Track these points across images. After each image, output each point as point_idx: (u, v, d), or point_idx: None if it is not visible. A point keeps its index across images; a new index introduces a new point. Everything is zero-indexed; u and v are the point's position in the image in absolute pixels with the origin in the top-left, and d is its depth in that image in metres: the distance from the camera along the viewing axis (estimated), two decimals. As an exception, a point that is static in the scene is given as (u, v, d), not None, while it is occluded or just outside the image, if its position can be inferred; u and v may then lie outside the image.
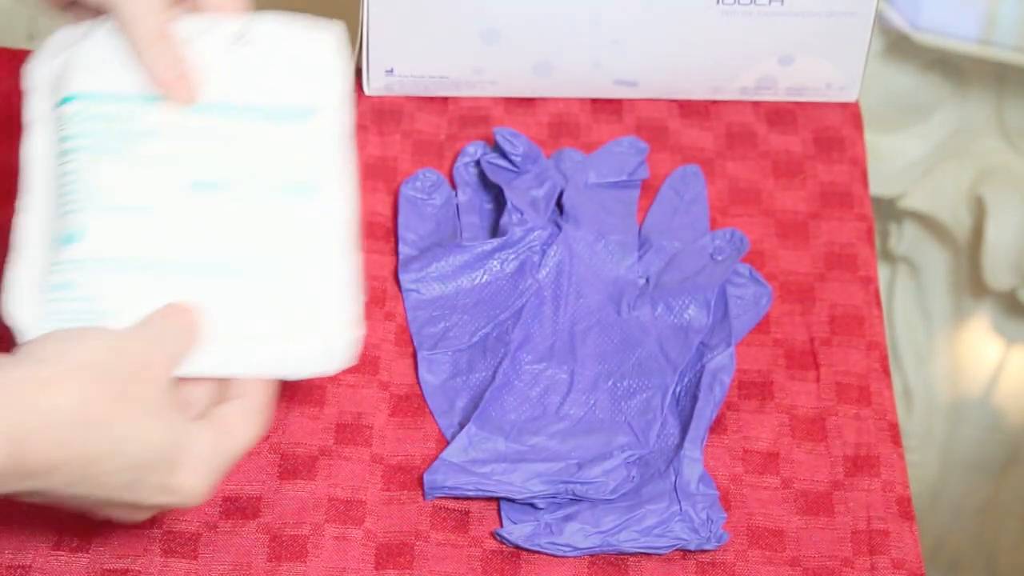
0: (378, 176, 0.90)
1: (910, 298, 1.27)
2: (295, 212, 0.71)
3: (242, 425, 0.69)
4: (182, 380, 0.70)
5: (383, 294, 0.85)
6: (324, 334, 0.71)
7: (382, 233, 0.88)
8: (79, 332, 0.67)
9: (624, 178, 0.89)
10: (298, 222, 0.71)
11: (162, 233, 0.70)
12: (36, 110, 0.74)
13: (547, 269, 0.84)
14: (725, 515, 0.77)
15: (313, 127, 0.72)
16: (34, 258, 0.72)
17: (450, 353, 0.83)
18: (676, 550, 0.77)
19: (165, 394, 0.67)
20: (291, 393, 0.81)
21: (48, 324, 0.70)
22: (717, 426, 0.81)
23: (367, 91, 0.93)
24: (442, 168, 0.90)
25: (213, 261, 0.70)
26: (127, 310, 0.69)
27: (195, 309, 0.69)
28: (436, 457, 0.79)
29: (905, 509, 0.79)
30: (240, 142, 0.71)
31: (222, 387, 0.71)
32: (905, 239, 1.25)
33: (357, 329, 0.72)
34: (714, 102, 0.94)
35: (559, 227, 0.86)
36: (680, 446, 0.79)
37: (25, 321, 0.71)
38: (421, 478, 0.78)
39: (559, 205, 0.87)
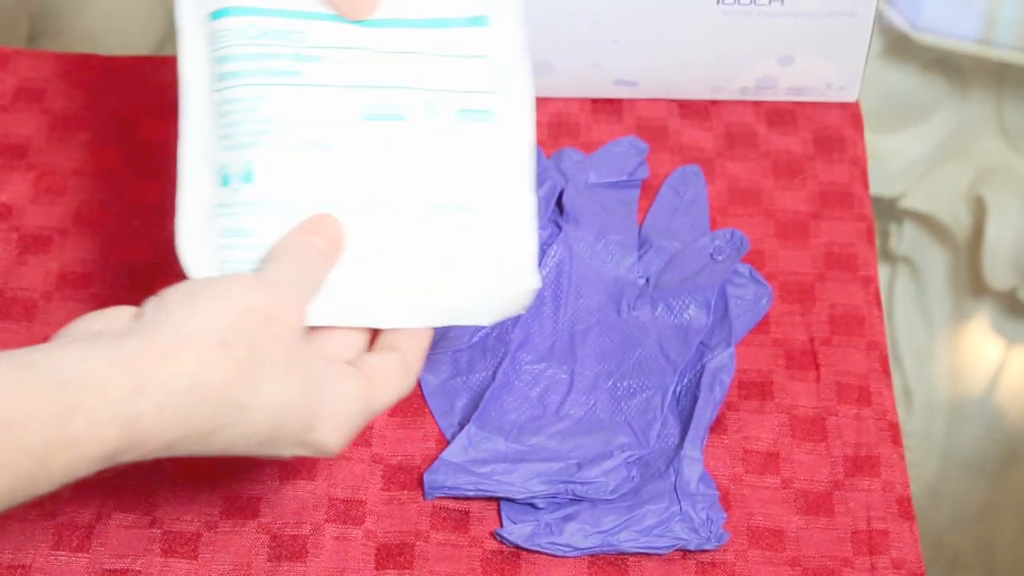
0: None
1: (910, 298, 1.27)
2: (477, 142, 0.66)
3: (393, 380, 0.66)
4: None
5: (383, 294, 0.85)
6: (505, 280, 0.67)
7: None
8: (203, 290, 0.62)
9: (624, 178, 0.89)
10: (480, 153, 0.66)
11: (339, 171, 0.65)
12: (184, 18, 0.67)
13: (547, 269, 0.84)
14: (725, 515, 0.77)
15: (489, 39, 0.67)
16: (201, 194, 0.67)
17: (450, 353, 0.83)
18: (676, 550, 0.77)
19: (296, 348, 0.63)
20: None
21: (220, 272, 0.65)
22: (717, 426, 0.81)
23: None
24: (442, 168, 0.90)
25: (394, 201, 0.65)
26: None
27: (332, 224, 0.64)
28: (436, 457, 0.79)
29: (905, 509, 0.79)
30: (416, 62, 0.66)
31: (372, 334, 0.66)
32: (905, 239, 1.25)
33: (536, 275, 0.69)
34: (714, 102, 0.94)
35: (559, 227, 0.86)
36: (680, 446, 0.79)
37: (197, 267, 0.66)
38: (421, 478, 0.78)
39: (559, 205, 0.87)
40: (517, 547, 0.77)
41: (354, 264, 0.67)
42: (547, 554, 0.77)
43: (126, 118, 0.91)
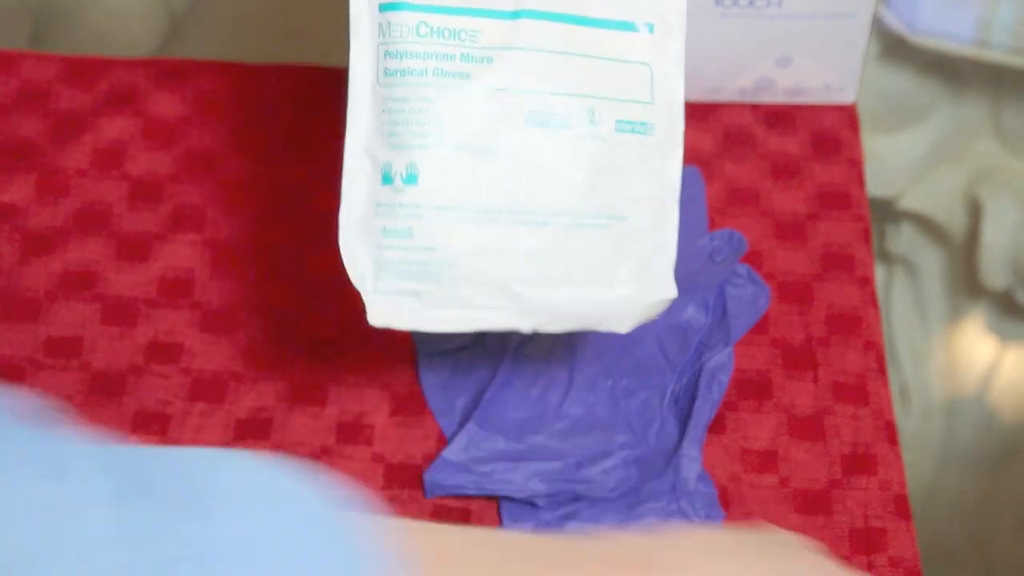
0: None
1: (907, 298, 1.27)
2: (633, 153, 0.67)
3: None
4: None
5: (384, 294, 0.86)
6: (650, 289, 0.68)
7: (383, 234, 0.88)
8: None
9: (623, 179, 0.90)
10: (636, 165, 0.67)
11: (501, 177, 0.66)
12: (356, 5, 0.67)
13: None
14: (723, 514, 0.78)
15: (652, 47, 0.68)
16: (364, 188, 0.67)
17: (450, 352, 0.83)
18: (675, 548, 0.77)
19: None
20: (292, 393, 0.82)
21: (384, 275, 0.66)
22: (715, 425, 0.82)
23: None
24: (442, 169, 0.90)
25: (552, 208, 0.66)
26: (468, 264, 0.66)
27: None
28: (437, 456, 0.79)
29: (902, 507, 0.79)
30: (583, 67, 0.66)
31: None
32: (902, 240, 1.25)
33: (674, 285, 0.70)
34: (712, 103, 0.94)
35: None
36: (679, 445, 0.79)
37: (355, 262, 0.66)
38: (422, 477, 0.79)
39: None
40: (517, 545, 0.77)
41: (507, 267, 0.68)
42: (547, 552, 0.77)
43: (128, 118, 0.92)
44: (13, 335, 0.83)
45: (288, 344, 0.83)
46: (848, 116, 0.94)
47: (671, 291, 0.70)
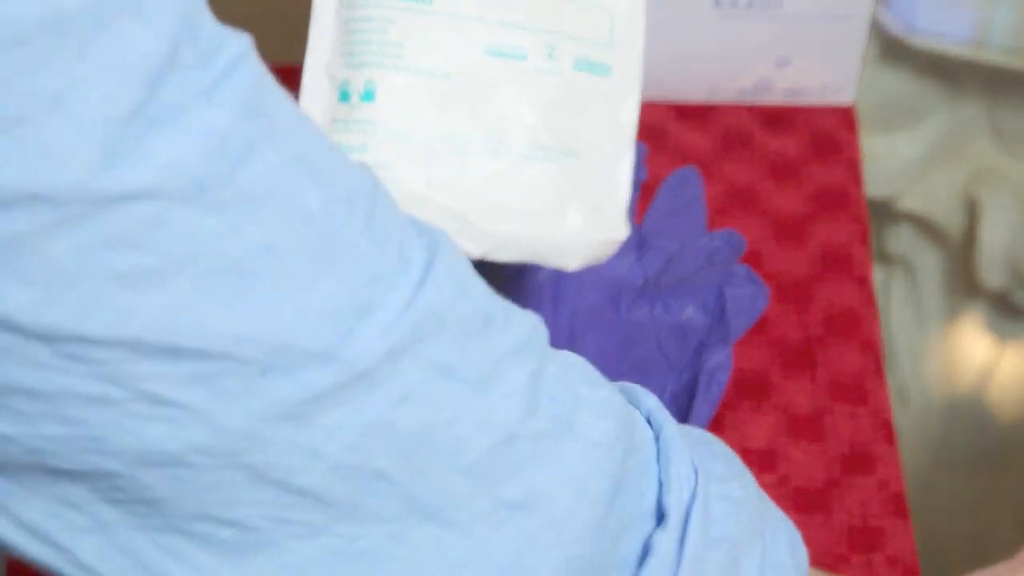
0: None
1: (905, 298, 1.27)
2: (589, 92, 0.68)
3: None
4: None
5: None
6: (598, 226, 0.68)
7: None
8: None
9: (623, 179, 0.90)
10: (591, 104, 0.68)
11: (456, 102, 0.66)
12: None
13: (547, 269, 0.85)
14: (722, 512, 0.78)
15: None
16: (320, 107, 0.67)
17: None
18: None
19: None
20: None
21: None
22: (714, 425, 0.82)
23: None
24: (443, 169, 0.90)
25: (505, 137, 0.67)
26: (420, 186, 0.66)
27: None
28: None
29: (900, 506, 0.79)
30: (543, 3, 0.67)
31: None
32: (900, 240, 1.25)
33: (625, 227, 0.70)
34: (712, 104, 0.94)
35: (559, 228, 0.86)
36: (678, 444, 0.79)
37: None
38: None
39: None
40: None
41: (459, 194, 0.67)
42: (547, 550, 0.77)
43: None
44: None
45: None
46: (846, 117, 0.94)
47: (621, 231, 0.69)
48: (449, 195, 0.67)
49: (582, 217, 0.68)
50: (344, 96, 0.67)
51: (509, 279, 0.85)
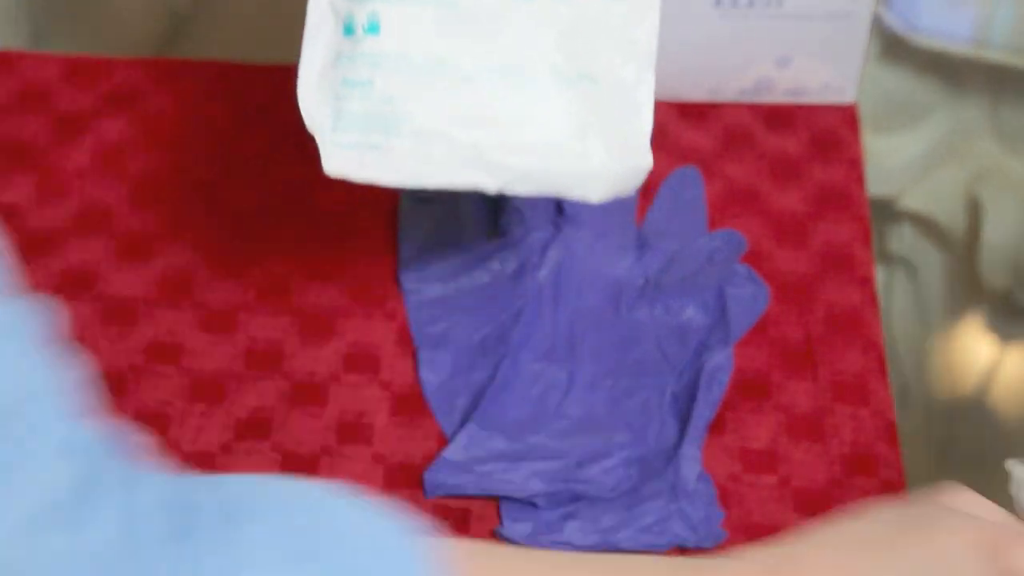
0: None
1: (907, 298, 1.27)
2: (606, 16, 0.66)
3: None
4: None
5: (384, 294, 0.86)
6: (622, 155, 0.66)
7: (383, 233, 0.88)
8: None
9: (623, 179, 0.90)
10: (609, 28, 0.66)
11: (464, 30, 0.65)
12: None
13: (547, 269, 0.85)
14: (723, 513, 0.78)
15: None
16: (324, 43, 0.66)
17: (451, 353, 0.83)
18: (674, 548, 0.77)
19: None
20: (292, 392, 0.82)
21: (343, 126, 0.65)
22: (715, 425, 0.82)
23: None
24: (442, 169, 0.90)
25: (519, 65, 0.65)
26: (432, 119, 0.64)
27: None
28: (437, 456, 0.79)
29: (901, 507, 0.79)
30: None
31: None
32: (902, 240, 1.25)
33: (650, 155, 0.67)
34: (712, 103, 0.94)
35: (559, 228, 0.86)
36: (679, 445, 0.79)
37: (318, 120, 0.65)
38: (422, 477, 0.79)
39: (559, 206, 0.88)
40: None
41: (473, 126, 0.66)
42: (547, 552, 0.77)
43: (128, 118, 0.92)
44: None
45: (289, 343, 0.83)
46: (848, 116, 0.94)
47: (646, 159, 0.67)
48: (462, 128, 0.66)
49: (604, 146, 0.66)
50: (348, 30, 0.66)
51: (508, 279, 0.85)
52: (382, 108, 0.65)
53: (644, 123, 0.68)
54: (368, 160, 0.66)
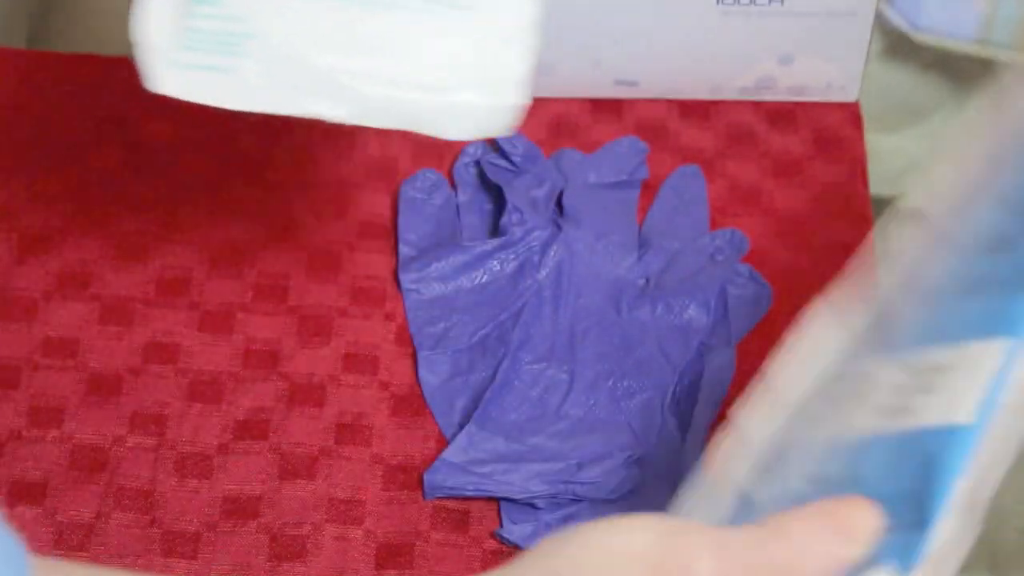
0: (378, 176, 0.90)
1: (910, 298, 1.27)
2: None
3: None
4: None
5: (383, 294, 0.85)
6: (490, 90, 0.62)
7: (382, 233, 0.88)
8: (596, 546, 0.54)
9: (624, 178, 0.89)
10: None
11: None
12: None
13: (547, 269, 0.84)
14: (725, 515, 0.78)
15: None
16: None
17: (450, 353, 0.83)
18: (676, 550, 0.77)
19: None
20: (291, 393, 0.81)
21: (186, 45, 0.61)
22: (717, 426, 0.81)
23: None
24: (442, 168, 0.90)
25: None
26: (285, 43, 0.61)
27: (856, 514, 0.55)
28: (436, 457, 0.79)
29: (905, 509, 0.79)
30: None
31: None
32: (902, 240, 1.25)
33: (523, 93, 0.63)
34: (714, 102, 0.94)
35: (559, 227, 0.86)
36: (680, 446, 0.79)
37: (155, 43, 0.61)
38: (421, 478, 0.78)
39: (559, 205, 0.87)
40: (517, 547, 0.77)
41: (329, 52, 0.63)
42: (547, 554, 0.77)
43: (125, 118, 0.92)
44: (10, 335, 0.83)
45: (287, 344, 0.83)
46: (850, 114, 0.94)
47: (516, 98, 0.63)
48: (318, 53, 0.62)
49: (472, 80, 0.62)
50: None
51: (508, 279, 0.85)
52: (232, 27, 0.61)
53: (517, 57, 0.63)
54: (211, 81, 0.62)
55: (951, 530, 0.59)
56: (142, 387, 0.81)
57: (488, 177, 0.88)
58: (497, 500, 0.78)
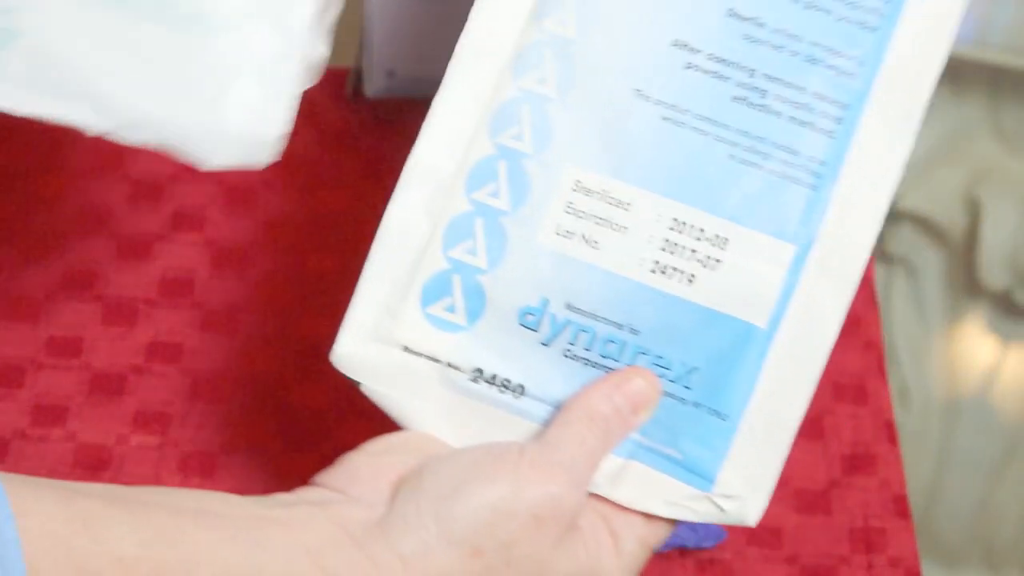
0: (378, 176, 0.90)
1: (907, 298, 1.27)
2: None
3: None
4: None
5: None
6: (259, 117, 0.57)
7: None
8: (464, 482, 0.55)
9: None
10: None
11: None
12: None
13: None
14: (723, 513, 0.78)
15: None
16: None
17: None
18: (674, 548, 0.77)
19: (559, 547, 0.56)
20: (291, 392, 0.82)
21: None
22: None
23: (368, 93, 0.93)
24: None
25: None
26: (46, 33, 0.56)
27: (642, 382, 0.58)
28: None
29: (901, 507, 0.79)
30: None
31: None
32: (901, 240, 1.25)
33: (283, 123, 0.57)
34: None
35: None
36: (678, 445, 0.79)
37: None
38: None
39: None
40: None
41: (91, 56, 0.57)
42: (547, 552, 0.77)
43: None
44: (14, 335, 0.83)
45: (288, 344, 0.83)
46: (848, 116, 0.94)
47: (278, 128, 0.57)
48: (85, 55, 0.57)
49: (243, 104, 0.56)
50: None
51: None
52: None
53: (289, 84, 0.57)
54: None
55: (746, 452, 0.61)
56: (145, 387, 0.81)
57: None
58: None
